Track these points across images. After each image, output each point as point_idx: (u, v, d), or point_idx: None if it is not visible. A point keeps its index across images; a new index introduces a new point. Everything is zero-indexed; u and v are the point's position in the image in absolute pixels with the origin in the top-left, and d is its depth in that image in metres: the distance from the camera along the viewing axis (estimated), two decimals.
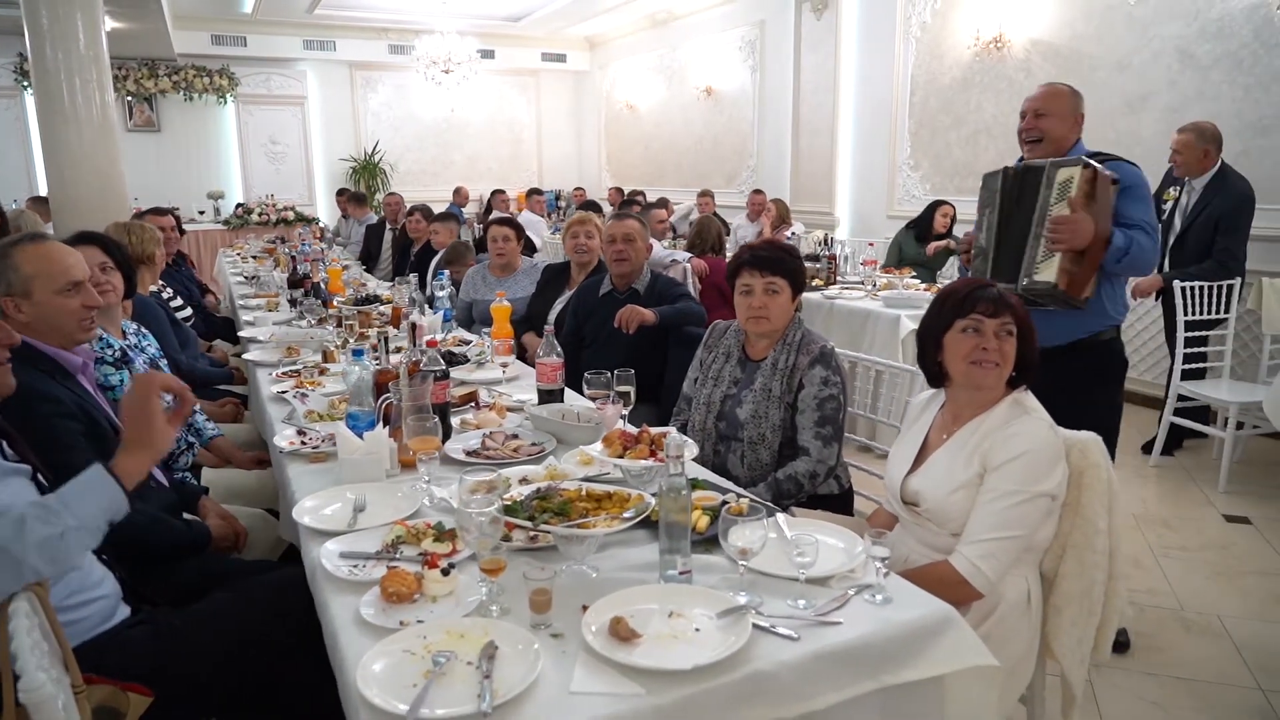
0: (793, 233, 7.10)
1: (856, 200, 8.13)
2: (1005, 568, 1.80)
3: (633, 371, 2.36)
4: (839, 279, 5.58)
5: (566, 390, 2.71)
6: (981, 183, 2.88)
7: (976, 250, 2.85)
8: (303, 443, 2.35)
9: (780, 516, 1.81)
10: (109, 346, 2.64)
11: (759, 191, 8.26)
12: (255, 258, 7.21)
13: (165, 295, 4.42)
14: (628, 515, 1.63)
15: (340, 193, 10.02)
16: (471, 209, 11.21)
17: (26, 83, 9.11)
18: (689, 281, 5.30)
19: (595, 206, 7.36)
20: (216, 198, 11.04)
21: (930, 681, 1.48)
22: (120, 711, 1.48)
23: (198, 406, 3.02)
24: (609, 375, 2.35)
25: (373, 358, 2.58)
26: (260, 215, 10.90)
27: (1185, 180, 4.49)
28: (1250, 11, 4.88)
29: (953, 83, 6.92)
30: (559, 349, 2.63)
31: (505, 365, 3.07)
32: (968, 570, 1.77)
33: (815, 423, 2.35)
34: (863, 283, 5.35)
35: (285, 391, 2.85)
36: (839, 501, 2.46)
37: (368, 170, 11.77)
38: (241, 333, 4.16)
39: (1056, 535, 1.90)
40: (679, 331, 3.36)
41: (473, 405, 2.71)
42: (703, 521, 1.73)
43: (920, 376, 2.13)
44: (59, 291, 2.06)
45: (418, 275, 4.66)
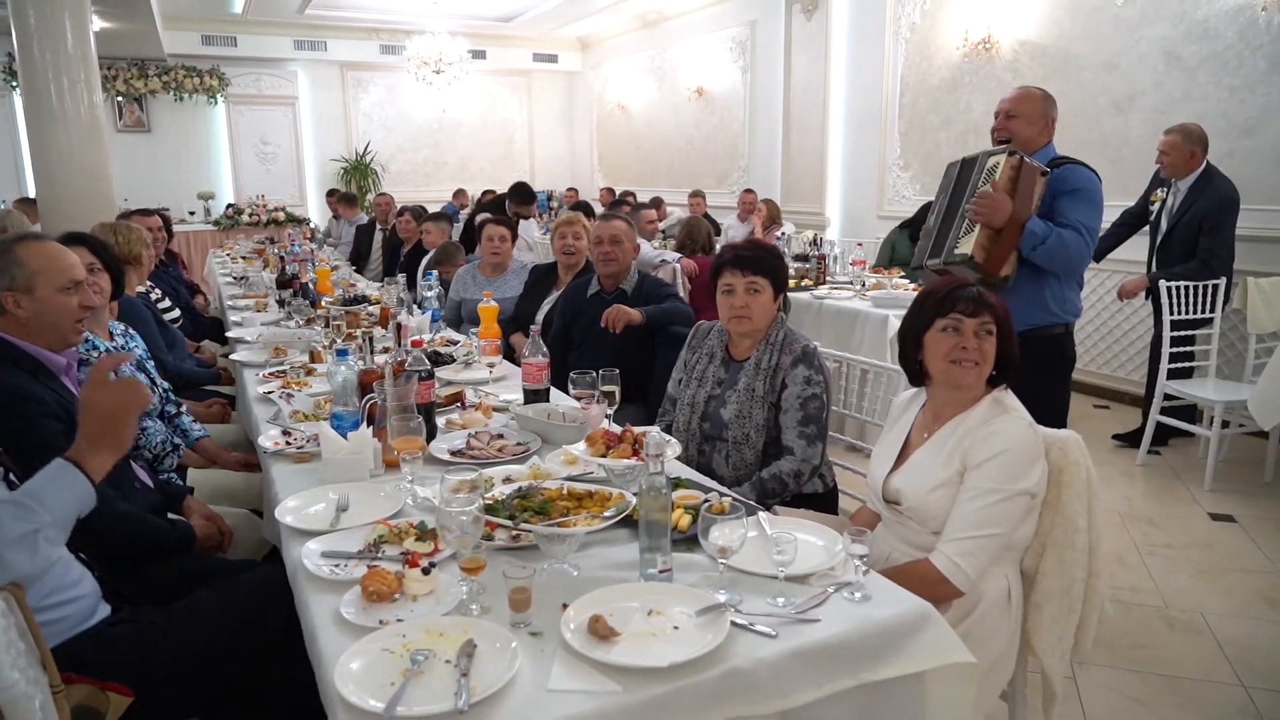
0: (783, 233, 7.11)
1: (847, 200, 8.15)
2: (985, 565, 1.81)
3: (618, 371, 2.37)
4: (828, 279, 5.59)
5: (553, 390, 2.71)
6: (945, 171, 3.07)
7: (925, 231, 3.05)
8: (287, 443, 2.35)
9: (761, 515, 1.82)
10: (94, 349, 2.63)
11: (750, 191, 8.27)
12: (244, 258, 7.19)
13: (153, 296, 4.41)
14: (608, 514, 1.64)
15: (330, 193, 10.01)
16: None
17: (14, 83, 9.07)
18: (678, 282, 5.31)
19: (587, 207, 7.37)
20: (207, 198, 11.00)
21: (909, 678, 1.49)
22: (100, 711, 1.49)
23: (184, 407, 3.01)
24: (594, 375, 2.36)
25: (358, 358, 2.58)
26: (251, 216, 10.87)
27: (1171, 181, 4.52)
28: (1235, 13, 4.91)
29: (942, 83, 6.94)
30: (544, 349, 2.63)
31: (492, 365, 3.07)
32: (948, 568, 1.78)
33: (799, 422, 2.36)
34: (851, 283, 5.36)
35: (271, 392, 2.85)
36: (824, 500, 2.47)
37: (359, 171, 11.75)
38: (229, 333, 4.15)
39: (1037, 533, 1.91)
40: (666, 331, 3.37)
41: (459, 405, 2.71)
42: (684, 520, 1.74)
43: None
44: (61, 289, 2.07)
45: (406, 276, 4.65)
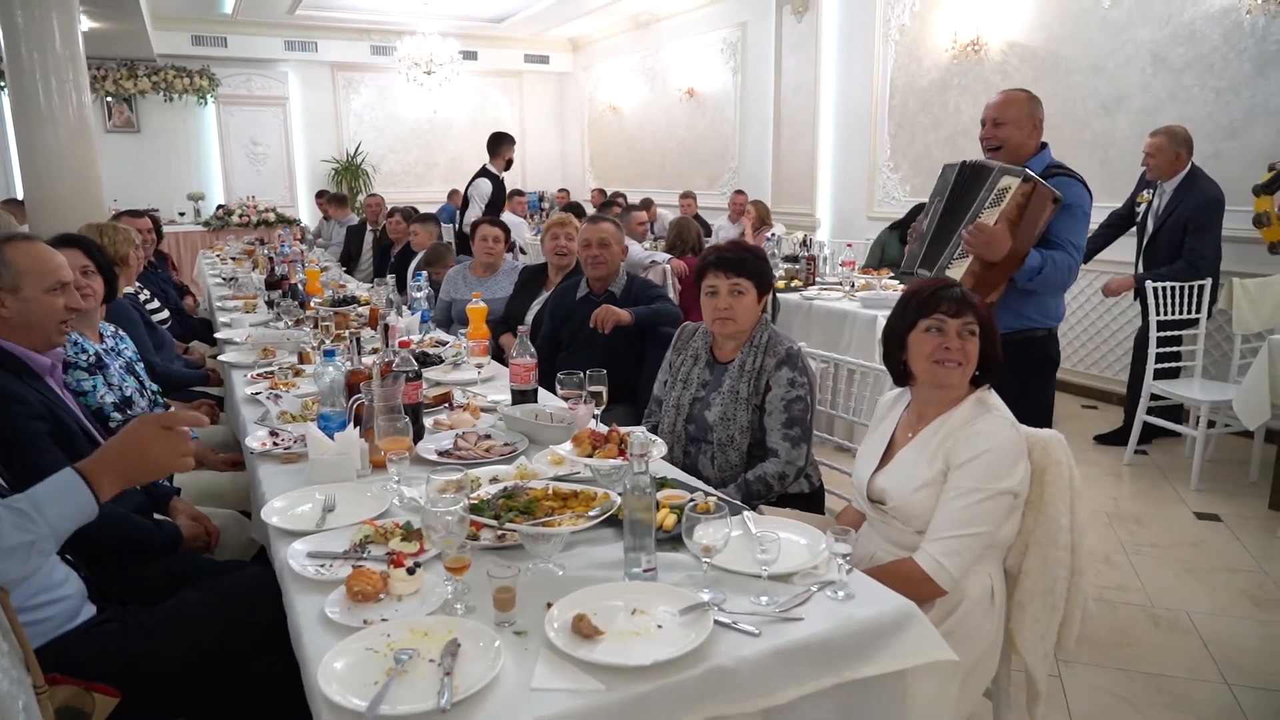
0: (773, 234, 7.13)
1: (837, 201, 8.17)
2: (968, 564, 1.82)
3: (605, 371, 2.38)
4: (818, 280, 5.61)
5: (540, 390, 2.72)
6: (941, 171, 2.98)
7: (918, 235, 2.99)
8: (274, 444, 2.35)
9: (746, 514, 1.82)
10: (83, 351, 2.63)
11: (740, 192, 8.29)
12: (234, 259, 7.17)
13: (142, 298, 4.40)
14: (593, 514, 1.65)
15: (320, 194, 9.98)
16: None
17: (1, 83, 9.03)
18: (669, 283, 5.33)
19: (578, 208, 7.37)
20: (197, 199, 10.97)
21: (891, 676, 1.50)
22: (85, 712, 1.48)
23: (173, 409, 3.01)
24: (581, 375, 2.36)
25: (345, 359, 2.58)
26: (241, 217, 10.85)
27: (1157, 183, 4.56)
28: (1220, 16, 4.95)
29: (931, 85, 6.97)
30: (532, 349, 2.64)
31: (480, 366, 3.08)
32: (931, 567, 1.79)
33: (783, 424, 2.37)
34: (841, 283, 5.38)
35: (259, 393, 2.85)
36: (810, 500, 2.48)
37: (350, 171, 11.73)
38: (218, 334, 4.15)
39: (1020, 532, 1.92)
40: (655, 332, 3.38)
41: (446, 406, 2.72)
42: (670, 520, 1.74)
43: None
44: (47, 290, 2.08)
45: (396, 276, 4.65)
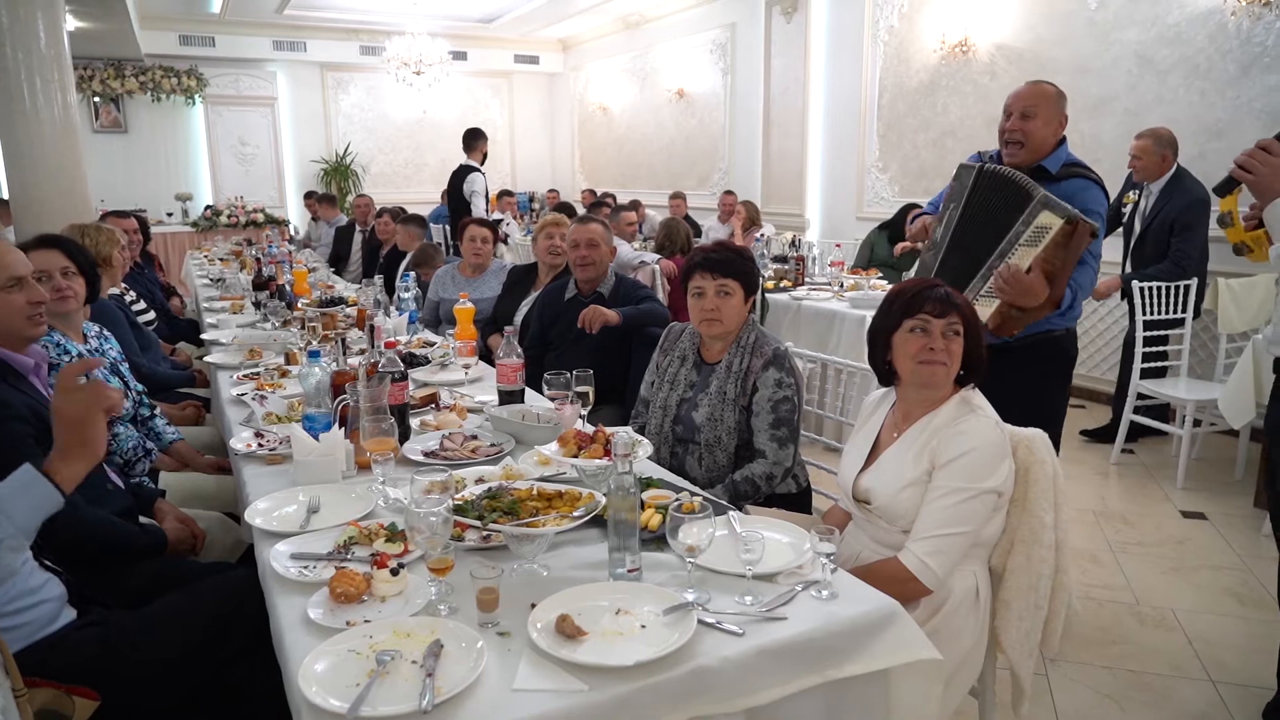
0: (762, 234, 7.14)
1: (827, 202, 8.19)
2: (953, 564, 1.83)
3: (591, 372, 2.37)
4: (806, 280, 5.62)
5: (528, 391, 2.72)
6: (956, 172, 2.70)
7: (931, 242, 2.75)
8: (260, 445, 2.35)
9: (732, 514, 1.82)
10: (66, 352, 2.61)
11: (730, 193, 8.30)
12: (221, 260, 7.14)
13: (128, 298, 4.38)
14: (577, 514, 1.64)
15: (308, 195, 9.94)
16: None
17: None
18: (658, 283, 5.33)
19: (570, 209, 7.37)
20: (185, 199, 10.92)
21: (875, 676, 1.50)
22: (65, 715, 1.47)
23: (158, 410, 2.99)
24: (568, 376, 2.36)
25: (331, 359, 2.57)
26: (229, 217, 10.80)
27: (1144, 184, 4.59)
28: (1205, 18, 4.98)
29: (920, 86, 6.99)
30: (519, 350, 2.63)
31: (468, 367, 3.07)
32: (916, 567, 1.80)
33: (770, 425, 2.37)
34: (830, 284, 5.39)
35: (245, 394, 2.84)
36: (797, 500, 2.48)
37: (339, 172, 11.69)
38: (204, 335, 4.13)
39: (1004, 530, 1.93)
40: (643, 333, 3.38)
41: (433, 407, 2.71)
42: (655, 520, 1.74)
43: None
44: (3, 288, 2.05)
45: (383, 277, 4.63)
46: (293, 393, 2.83)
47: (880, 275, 5.57)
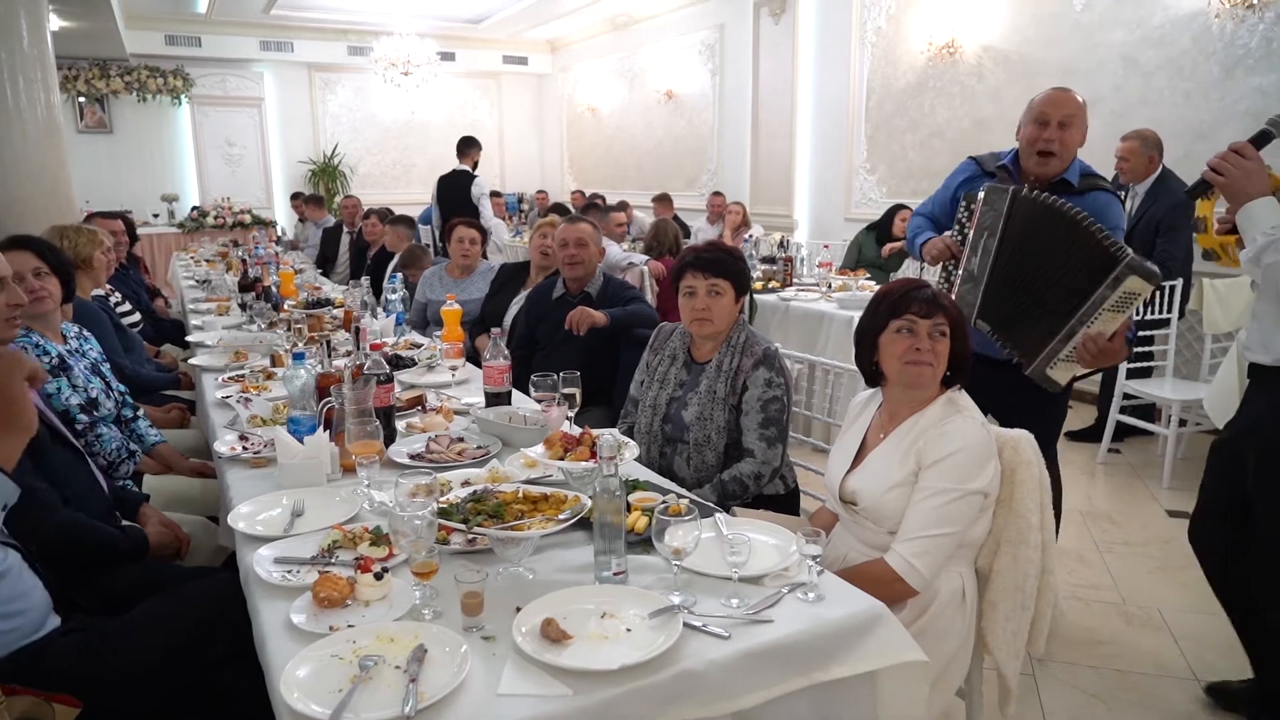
0: (751, 235, 7.14)
1: (815, 203, 8.21)
2: (940, 565, 1.83)
3: (578, 374, 2.36)
4: (795, 281, 5.62)
5: (515, 392, 2.70)
6: (982, 196, 2.47)
7: (966, 273, 2.50)
8: (244, 448, 2.33)
9: (719, 516, 1.82)
10: (45, 353, 2.58)
11: (719, 194, 8.30)
12: (208, 261, 7.10)
13: (113, 300, 4.34)
14: (563, 517, 1.64)
15: (295, 196, 9.90)
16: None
17: None
18: (646, 284, 5.32)
19: (563, 210, 7.35)
20: (171, 200, 10.85)
21: (861, 678, 1.50)
22: None
23: (141, 411, 2.97)
24: (555, 377, 2.35)
25: (316, 361, 2.56)
26: (216, 218, 10.74)
27: (1129, 185, 4.62)
28: (1189, 20, 5.01)
29: (907, 87, 7.02)
30: (506, 351, 2.62)
31: (455, 368, 3.06)
32: (902, 568, 1.80)
33: (759, 424, 2.37)
34: (818, 284, 5.39)
35: (229, 396, 2.82)
36: (785, 501, 2.47)
37: (327, 173, 11.64)
38: (190, 337, 4.10)
39: (991, 531, 1.93)
40: (630, 334, 3.37)
41: (420, 409, 2.70)
42: (641, 522, 1.73)
43: None
44: None
45: (370, 279, 4.61)
46: (278, 395, 2.81)
47: (868, 276, 5.58)
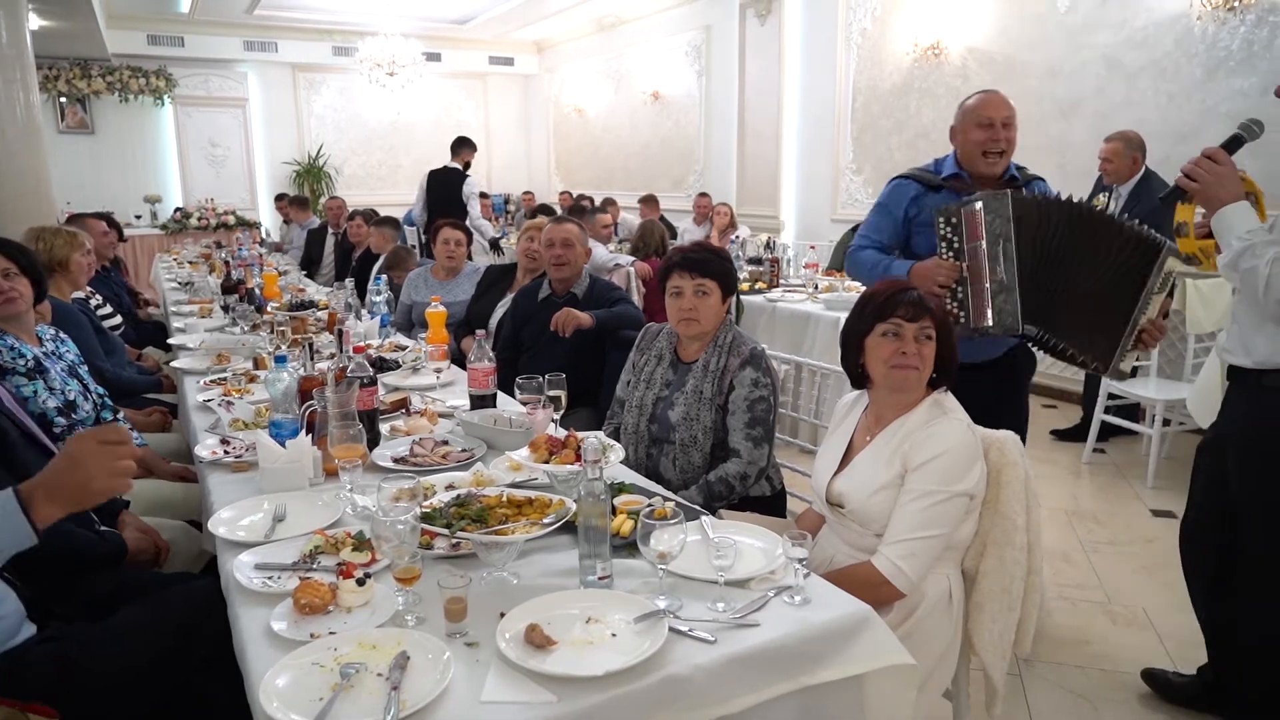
0: (737, 236, 7.14)
1: (802, 204, 8.22)
2: (926, 567, 1.82)
3: (564, 376, 2.35)
4: (781, 282, 5.62)
5: (501, 395, 2.69)
6: (980, 206, 2.45)
7: (995, 285, 2.46)
8: (225, 452, 2.30)
9: (705, 519, 1.81)
10: (20, 356, 2.55)
11: (705, 195, 8.30)
12: (191, 263, 7.04)
13: (93, 303, 4.29)
14: (547, 521, 1.62)
15: (279, 197, 9.83)
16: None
17: None
18: (633, 285, 5.31)
19: (550, 211, 7.33)
20: (154, 202, 10.76)
21: (848, 681, 1.49)
22: None
23: (122, 415, 2.93)
24: (540, 380, 2.34)
25: (299, 364, 2.53)
26: (199, 220, 10.66)
27: (1113, 186, 4.64)
28: (1172, 22, 5.04)
29: (893, 88, 7.03)
30: (490, 353, 2.61)
31: (439, 371, 3.04)
32: (889, 570, 1.79)
33: (746, 424, 2.36)
34: (804, 285, 5.39)
35: (211, 400, 2.79)
36: (771, 503, 2.47)
37: (312, 174, 11.57)
38: (172, 339, 4.06)
39: (977, 533, 1.93)
40: (616, 335, 3.35)
41: (404, 412, 2.67)
42: (627, 526, 1.72)
43: None
44: None
45: (354, 280, 4.58)
46: (260, 398, 2.78)
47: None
